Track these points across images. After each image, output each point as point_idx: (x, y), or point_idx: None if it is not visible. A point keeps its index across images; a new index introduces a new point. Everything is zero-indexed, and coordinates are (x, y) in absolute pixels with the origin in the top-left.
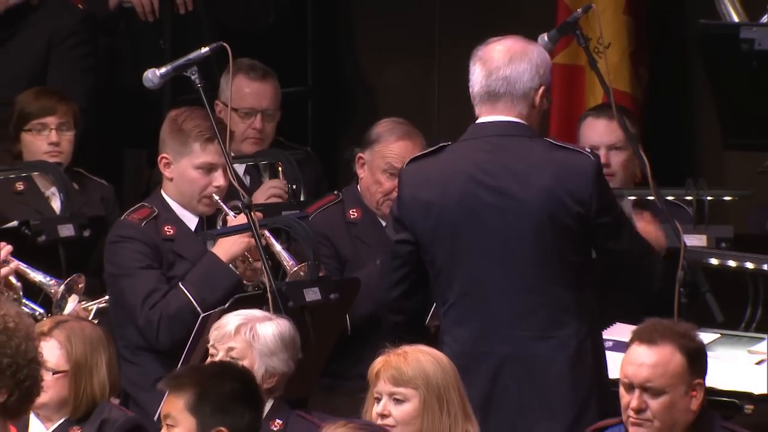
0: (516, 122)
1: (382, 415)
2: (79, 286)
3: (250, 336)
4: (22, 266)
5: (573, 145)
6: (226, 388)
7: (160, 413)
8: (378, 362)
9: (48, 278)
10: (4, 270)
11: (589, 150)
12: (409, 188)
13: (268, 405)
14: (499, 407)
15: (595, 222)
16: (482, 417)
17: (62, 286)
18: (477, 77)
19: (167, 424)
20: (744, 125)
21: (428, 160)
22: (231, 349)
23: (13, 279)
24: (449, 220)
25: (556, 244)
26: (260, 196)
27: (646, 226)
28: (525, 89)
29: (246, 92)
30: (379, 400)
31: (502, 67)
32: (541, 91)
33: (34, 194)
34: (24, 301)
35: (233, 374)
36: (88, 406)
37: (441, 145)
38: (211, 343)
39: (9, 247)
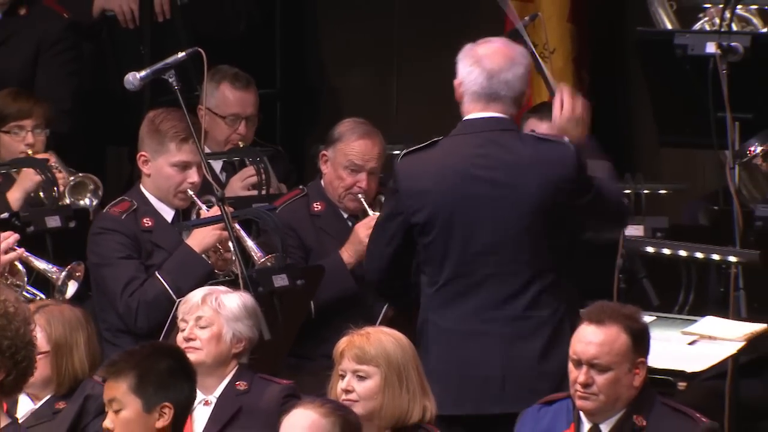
0: (505, 119)
1: (346, 391)
2: (78, 273)
3: (216, 304)
4: (26, 254)
5: (552, 136)
6: (163, 366)
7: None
8: (342, 342)
9: (50, 266)
10: (11, 255)
11: (567, 139)
12: (405, 179)
13: (233, 371)
14: (483, 380)
15: (578, 202)
16: (464, 388)
17: (63, 273)
18: (475, 77)
19: (114, 409)
20: (678, 124)
21: (422, 153)
22: (199, 318)
23: (19, 265)
24: (444, 208)
25: (542, 231)
26: (237, 182)
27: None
28: (520, 92)
29: (231, 100)
30: (343, 377)
31: (503, 71)
32: (525, 95)
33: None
34: (27, 287)
35: (166, 352)
36: (71, 383)
37: (434, 140)
38: (180, 317)
39: (16, 236)
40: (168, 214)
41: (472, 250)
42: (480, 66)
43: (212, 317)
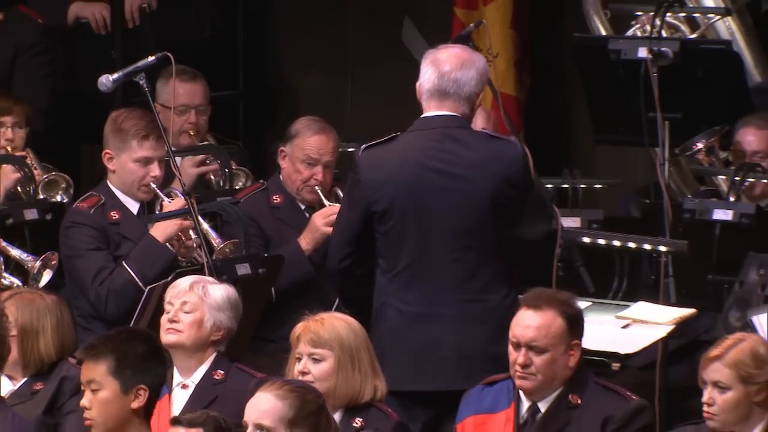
0: (460, 117)
1: (303, 373)
2: (53, 262)
3: (202, 292)
4: (3, 243)
5: (502, 135)
6: (140, 350)
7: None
8: (299, 327)
9: (26, 255)
10: None
11: (514, 138)
12: (365, 170)
13: (211, 357)
14: (438, 357)
15: (523, 197)
16: (422, 365)
17: (38, 262)
18: (429, 76)
19: (92, 389)
20: (612, 123)
21: (382, 147)
22: (185, 303)
23: None
24: (402, 198)
25: (494, 221)
26: (187, 164)
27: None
28: (470, 92)
29: (180, 92)
30: (299, 359)
31: (454, 70)
32: (480, 96)
33: None
34: (5, 274)
35: (141, 337)
36: (38, 365)
37: (393, 135)
38: (167, 300)
39: None
40: (133, 206)
41: (428, 238)
42: (434, 66)
43: (197, 303)
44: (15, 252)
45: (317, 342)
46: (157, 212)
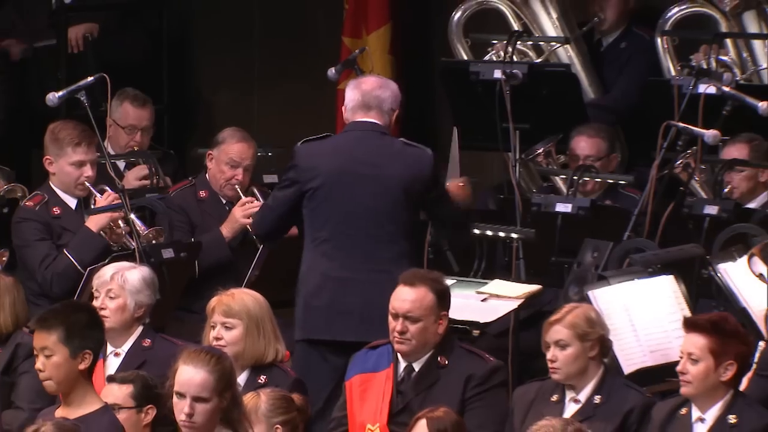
0: (381, 125)
1: (217, 339)
2: (3, 259)
3: (121, 281)
4: None
5: (417, 144)
6: (83, 319)
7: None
8: (213, 301)
9: None
10: None
11: (429, 150)
12: (302, 157)
13: (139, 330)
14: (347, 314)
15: (430, 195)
16: (334, 319)
17: None
18: (353, 96)
19: (45, 355)
20: (473, 132)
21: (316, 141)
22: (109, 290)
23: None
24: (331, 181)
25: (404, 209)
26: (131, 176)
27: (455, 188)
28: (388, 108)
29: (130, 115)
30: (214, 327)
31: (374, 89)
32: (395, 114)
33: None
34: None
35: (84, 308)
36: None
37: (326, 134)
38: (95, 288)
39: None
40: (72, 202)
41: (349, 215)
42: (357, 88)
43: (118, 290)
44: None
45: (229, 312)
46: (93, 206)
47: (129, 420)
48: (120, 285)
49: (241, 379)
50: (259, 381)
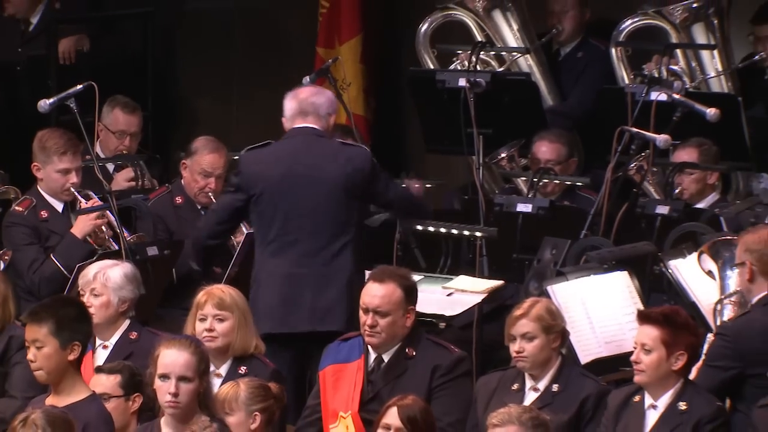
0: (318, 129)
1: (209, 330)
2: (6, 257)
3: (104, 279)
4: None
5: (353, 142)
6: (72, 313)
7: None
8: (204, 293)
9: None
10: None
11: (364, 145)
12: (247, 165)
13: (126, 323)
14: (298, 306)
15: (372, 187)
16: (285, 314)
17: None
18: (290, 105)
19: (36, 347)
20: (439, 137)
21: (260, 149)
22: (93, 289)
23: None
24: (274, 185)
25: (345, 206)
26: (120, 178)
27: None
28: (324, 113)
29: (120, 121)
30: (204, 320)
31: (310, 96)
32: (333, 118)
33: None
34: None
35: (72, 303)
36: None
37: (267, 141)
38: (80, 288)
39: None
40: (59, 206)
41: (292, 215)
42: (294, 98)
43: (101, 288)
44: None
45: (221, 305)
46: (79, 208)
47: (117, 408)
48: (102, 283)
49: (223, 369)
50: (240, 371)
